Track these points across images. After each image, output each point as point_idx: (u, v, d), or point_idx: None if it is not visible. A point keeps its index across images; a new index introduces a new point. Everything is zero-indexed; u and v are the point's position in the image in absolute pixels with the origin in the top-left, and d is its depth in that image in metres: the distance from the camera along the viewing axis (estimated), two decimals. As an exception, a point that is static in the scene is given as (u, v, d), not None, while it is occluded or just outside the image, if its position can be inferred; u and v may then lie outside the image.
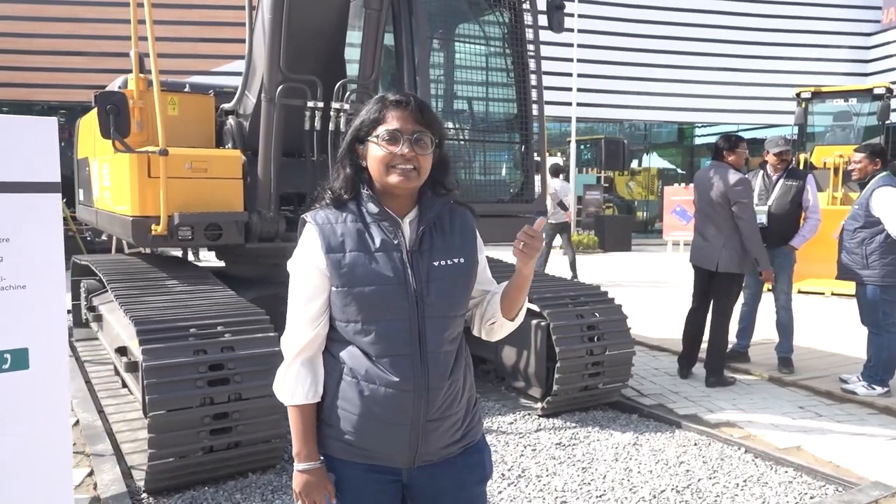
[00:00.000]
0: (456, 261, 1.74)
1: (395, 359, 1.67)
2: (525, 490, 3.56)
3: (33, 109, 21.06)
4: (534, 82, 5.43)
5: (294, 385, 1.71)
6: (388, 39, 5.07)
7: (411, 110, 1.68)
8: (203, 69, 17.80)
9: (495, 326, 1.85)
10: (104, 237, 8.63)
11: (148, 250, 6.28)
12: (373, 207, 1.71)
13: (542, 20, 5.40)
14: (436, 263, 1.71)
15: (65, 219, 9.25)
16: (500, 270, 5.84)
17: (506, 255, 7.12)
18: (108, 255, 7.40)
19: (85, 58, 18.20)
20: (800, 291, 10.08)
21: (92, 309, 5.77)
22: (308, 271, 1.71)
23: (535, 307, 4.72)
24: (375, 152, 1.68)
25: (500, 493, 3.53)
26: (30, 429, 1.88)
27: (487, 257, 1.93)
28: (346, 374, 1.70)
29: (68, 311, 7.33)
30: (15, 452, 1.84)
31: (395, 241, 1.69)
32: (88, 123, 6.01)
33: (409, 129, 1.66)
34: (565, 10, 5.46)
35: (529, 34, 5.43)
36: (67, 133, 17.28)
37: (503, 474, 3.73)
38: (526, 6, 5.41)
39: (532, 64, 5.42)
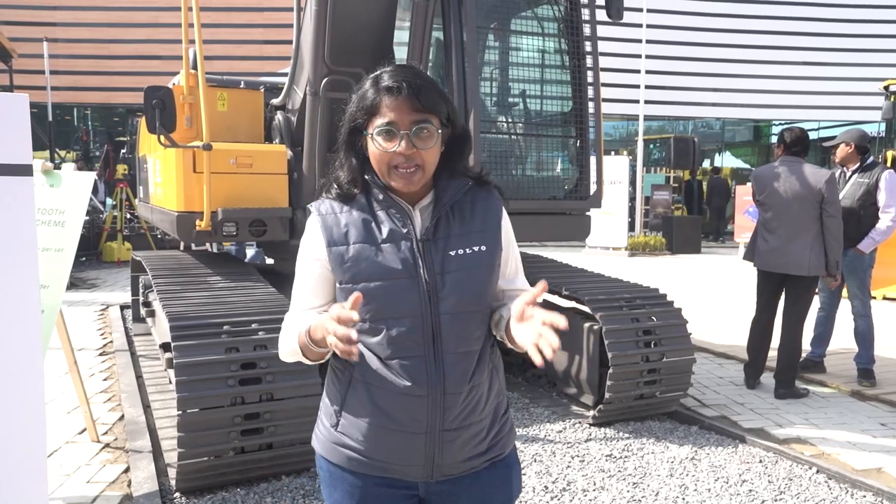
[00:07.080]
0: (475, 249, 1.54)
1: (406, 361, 1.50)
2: (569, 505, 3.33)
3: (115, 111, 22.02)
4: (590, 77, 5.17)
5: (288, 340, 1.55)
6: (439, 33, 4.95)
7: (406, 96, 1.45)
8: (273, 69, 18.16)
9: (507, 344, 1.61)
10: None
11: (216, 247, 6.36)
12: (380, 194, 1.54)
13: (601, 12, 5.14)
14: (452, 253, 1.52)
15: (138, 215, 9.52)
16: (543, 268, 5.59)
17: (557, 254, 6.88)
18: (160, 251, 7.52)
19: (163, 61, 18.79)
20: (885, 298, 9.39)
21: (147, 304, 5.84)
22: (310, 265, 1.58)
23: (587, 309, 4.49)
24: (373, 149, 1.50)
25: (541, 507, 3.31)
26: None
27: (530, 255, 1.70)
28: (356, 377, 1.55)
29: (126, 307, 7.49)
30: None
31: (405, 230, 1.52)
32: (147, 122, 6.11)
33: (407, 120, 1.46)
34: (632, 5, 5.19)
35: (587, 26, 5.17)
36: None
37: (546, 486, 3.50)
38: (582, -6, 5.15)
39: (589, 58, 5.16)
